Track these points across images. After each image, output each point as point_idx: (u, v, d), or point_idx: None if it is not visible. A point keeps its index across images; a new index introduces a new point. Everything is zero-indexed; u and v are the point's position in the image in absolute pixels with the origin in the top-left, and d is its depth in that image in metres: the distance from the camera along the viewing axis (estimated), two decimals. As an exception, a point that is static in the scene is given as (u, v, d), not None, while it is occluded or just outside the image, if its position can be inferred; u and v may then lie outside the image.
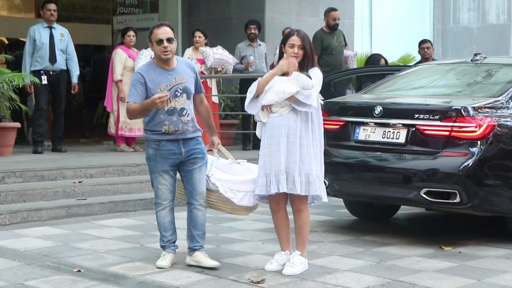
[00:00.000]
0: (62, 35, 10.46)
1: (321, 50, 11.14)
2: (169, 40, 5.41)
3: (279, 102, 5.39)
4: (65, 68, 10.46)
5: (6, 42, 13.27)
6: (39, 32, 10.30)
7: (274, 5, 13.09)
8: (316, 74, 5.44)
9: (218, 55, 11.13)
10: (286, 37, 5.50)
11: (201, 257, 5.56)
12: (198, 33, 11.28)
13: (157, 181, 5.56)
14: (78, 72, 10.69)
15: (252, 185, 5.60)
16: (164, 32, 5.43)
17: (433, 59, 10.98)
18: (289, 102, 5.39)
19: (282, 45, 5.51)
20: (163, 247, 5.66)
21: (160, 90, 5.38)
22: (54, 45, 10.32)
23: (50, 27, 10.38)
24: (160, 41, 5.39)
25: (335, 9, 11.58)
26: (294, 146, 5.37)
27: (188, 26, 13.57)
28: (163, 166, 5.51)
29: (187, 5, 13.80)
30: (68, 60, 10.51)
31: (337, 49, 11.41)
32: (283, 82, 5.38)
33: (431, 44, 11.46)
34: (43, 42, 10.26)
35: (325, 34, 11.40)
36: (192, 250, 5.61)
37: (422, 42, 11.41)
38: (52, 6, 10.40)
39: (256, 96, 5.44)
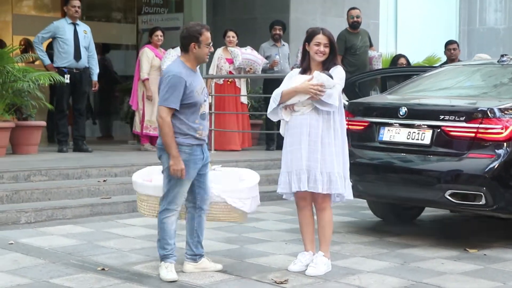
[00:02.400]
0: (85, 32, 10.39)
1: (345, 50, 11.10)
2: None
3: (301, 101, 5.40)
4: (87, 65, 10.39)
5: None
6: (64, 29, 10.24)
7: (299, 5, 13.07)
8: (339, 72, 5.44)
9: (246, 55, 11.14)
10: (311, 35, 5.48)
11: (207, 263, 5.46)
12: (231, 33, 11.32)
13: (182, 188, 5.26)
14: (98, 70, 10.61)
15: (256, 190, 5.65)
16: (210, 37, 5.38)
17: (458, 61, 10.89)
18: (311, 101, 5.39)
19: (307, 43, 5.51)
20: (165, 256, 5.29)
21: (197, 94, 5.24)
22: (79, 41, 10.26)
23: (74, 24, 10.33)
24: (210, 45, 5.31)
25: (354, 8, 11.56)
26: (315, 145, 5.37)
27: (213, 26, 13.58)
28: (194, 172, 5.28)
29: (212, 5, 13.81)
30: (89, 57, 10.44)
31: (361, 49, 11.36)
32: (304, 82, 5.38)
33: (458, 45, 11.36)
34: (67, 39, 10.19)
35: (349, 34, 11.36)
36: (200, 256, 5.45)
37: (449, 43, 11.30)
38: (77, 3, 10.34)
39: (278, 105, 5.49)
